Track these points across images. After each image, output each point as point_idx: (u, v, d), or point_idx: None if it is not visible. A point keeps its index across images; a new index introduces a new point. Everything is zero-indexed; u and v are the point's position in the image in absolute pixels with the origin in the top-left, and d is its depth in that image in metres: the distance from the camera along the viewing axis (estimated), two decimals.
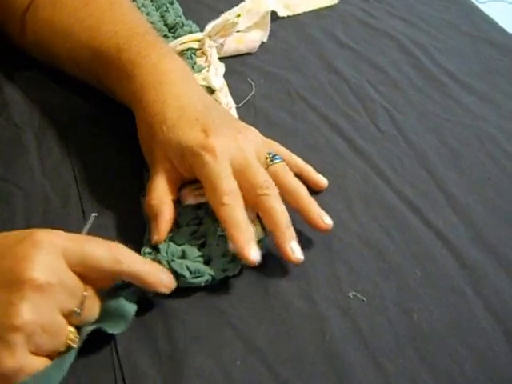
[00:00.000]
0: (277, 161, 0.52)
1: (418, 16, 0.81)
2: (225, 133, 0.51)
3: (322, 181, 0.56)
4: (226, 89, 0.64)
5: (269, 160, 0.52)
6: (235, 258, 0.48)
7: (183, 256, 0.48)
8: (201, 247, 0.49)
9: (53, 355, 0.40)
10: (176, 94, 0.53)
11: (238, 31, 0.71)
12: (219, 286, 0.48)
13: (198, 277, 0.46)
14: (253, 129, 0.55)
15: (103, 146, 0.59)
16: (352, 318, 0.47)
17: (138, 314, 0.44)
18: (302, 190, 0.51)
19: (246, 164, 0.50)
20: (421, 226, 0.54)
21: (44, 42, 0.63)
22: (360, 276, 0.50)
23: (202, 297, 0.47)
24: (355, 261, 0.51)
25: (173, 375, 0.42)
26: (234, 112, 0.62)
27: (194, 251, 0.48)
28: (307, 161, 0.58)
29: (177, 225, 0.50)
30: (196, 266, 0.47)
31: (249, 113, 0.63)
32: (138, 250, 0.47)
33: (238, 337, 0.45)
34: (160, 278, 0.44)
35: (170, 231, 0.49)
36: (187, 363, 0.43)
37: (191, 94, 0.54)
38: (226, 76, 0.67)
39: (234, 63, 0.69)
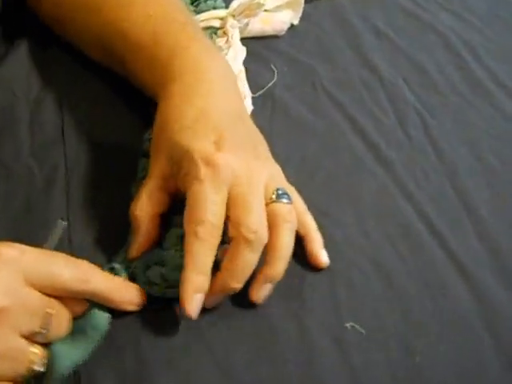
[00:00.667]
0: (284, 200, 0.44)
1: (471, 11, 0.73)
2: (239, 153, 0.44)
3: (323, 259, 0.46)
4: (242, 76, 0.58)
5: (275, 196, 0.44)
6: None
7: (163, 263, 0.43)
8: None
9: (17, 381, 0.37)
10: (206, 94, 0.47)
11: (265, 10, 0.65)
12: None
13: (174, 287, 0.42)
14: (276, 165, 0.47)
15: (100, 129, 0.54)
16: (346, 352, 0.42)
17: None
18: (285, 253, 0.43)
19: (244, 195, 0.43)
20: (438, 252, 0.48)
21: (64, 16, 0.58)
22: (362, 303, 0.44)
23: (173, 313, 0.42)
24: (359, 284, 0.45)
25: None
26: (248, 102, 0.56)
27: (175, 258, 0.43)
28: (321, 163, 0.53)
29: (167, 224, 0.46)
30: (174, 275, 0.42)
31: (266, 104, 0.58)
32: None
33: (213, 361, 0.40)
34: (129, 296, 0.40)
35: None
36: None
37: (222, 99, 0.48)
38: (246, 60, 0.61)
39: (257, 46, 0.64)
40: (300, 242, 0.46)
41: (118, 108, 0.55)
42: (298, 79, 0.61)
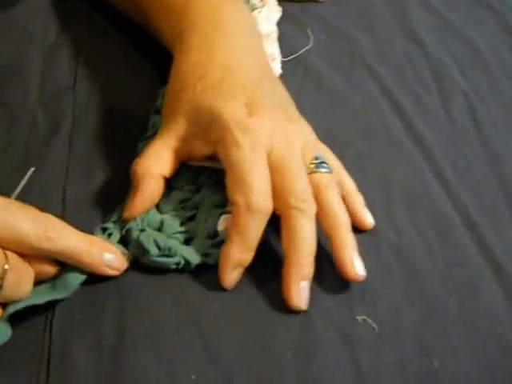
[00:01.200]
0: (323, 170, 0.41)
1: None
2: (272, 116, 0.40)
3: (368, 220, 0.43)
4: (274, 36, 0.53)
5: (313, 166, 0.41)
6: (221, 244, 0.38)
7: (160, 228, 0.39)
8: (188, 221, 0.40)
9: None
10: (229, 49, 0.43)
11: None
12: (195, 276, 0.38)
13: (168, 256, 0.37)
14: (308, 126, 0.44)
15: (114, 82, 0.50)
16: (353, 348, 0.36)
17: (87, 290, 0.37)
18: (344, 220, 0.40)
19: (286, 161, 0.39)
20: (472, 248, 0.42)
21: None
22: (378, 296, 0.39)
23: (170, 284, 0.38)
24: (376, 275, 0.40)
25: (109, 376, 0.34)
26: (277, 65, 0.51)
27: (174, 224, 0.39)
28: (351, 139, 0.48)
29: (169, 187, 0.41)
30: (169, 242, 0.38)
31: (296, 70, 0.53)
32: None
33: (202, 343, 0.36)
34: (103, 258, 0.36)
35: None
36: (130, 364, 0.34)
37: (247, 55, 0.44)
38: (281, 22, 0.56)
39: (296, 9, 0.59)
40: None
41: (135, 63, 0.51)
42: (336, 48, 0.56)
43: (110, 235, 0.39)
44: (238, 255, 0.37)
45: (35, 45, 0.51)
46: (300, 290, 0.38)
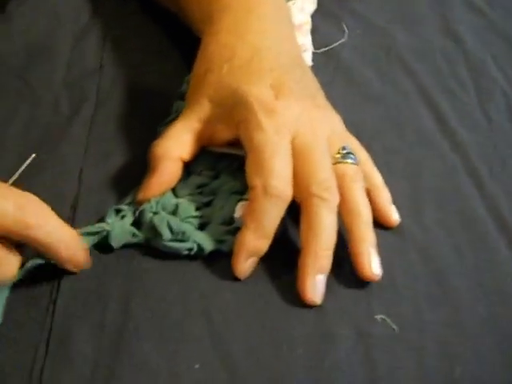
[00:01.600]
0: (350, 160, 0.39)
1: None
2: (299, 101, 0.38)
3: (393, 216, 0.40)
4: (307, 27, 0.51)
5: (340, 156, 0.39)
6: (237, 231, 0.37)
7: (174, 212, 0.37)
8: (204, 206, 0.39)
9: None
10: (259, 31, 0.41)
11: None
12: (208, 263, 0.37)
13: (181, 241, 0.36)
14: (336, 114, 0.41)
15: (140, 67, 0.49)
16: (369, 348, 0.34)
17: (95, 272, 0.35)
18: (365, 215, 0.38)
19: (310, 147, 0.37)
20: (505, 252, 0.39)
21: None
22: (400, 296, 0.37)
23: (181, 270, 0.36)
24: (400, 274, 0.38)
25: (108, 359, 0.32)
26: (308, 57, 0.49)
27: (189, 208, 0.37)
28: (380, 133, 0.46)
29: (187, 172, 0.40)
30: (183, 226, 0.36)
31: (328, 63, 0.51)
32: None
33: (209, 333, 0.34)
34: (78, 254, 0.34)
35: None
36: (131, 349, 0.33)
37: (278, 39, 0.42)
38: (316, 16, 0.54)
39: (332, 4, 0.57)
40: None
41: (164, 47, 0.50)
42: (371, 43, 0.54)
43: (123, 217, 0.37)
44: (253, 242, 0.35)
45: (65, 26, 0.51)
46: (315, 284, 0.35)
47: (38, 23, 0.50)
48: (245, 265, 0.36)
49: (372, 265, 0.36)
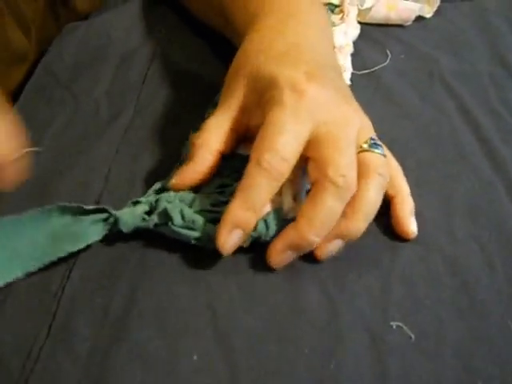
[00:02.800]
0: (378, 151, 0.36)
1: None
2: (331, 91, 0.36)
3: (411, 227, 0.38)
4: (348, 50, 0.51)
5: (367, 145, 0.36)
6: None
7: (190, 205, 0.37)
8: (222, 204, 0.38)
9: None
10: (300, 32, 0.40)
11: None
12: (218, 258, 0.35)
13: (190, 228, 0.35)
14: (368, 119, 0.39)
15: (182, 87, 0.49)
16: (381, 353, 0.31)
17: (105, 260, 0.35)
18: (369, 213, 0.35)
19: (336, 135, 0.35)
20: None
21: None
22: (421, 305, 0.34)
23: (191, 263, 0.35)
24: (423, 284, 0.35)
25: (106, 344, 0.32)
26: (347, 76, 0.49)
27: (204, 202, 0.36)
28: (416, 148, 0.44)
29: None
30: (194, 216, 0.35)
31: (369, 83, 0.50)
32: None
33: (212, 326, 0.32)
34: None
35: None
36: (132, 336, 0.32)
37: (317, 43, 0.41)
38: (360, 41, 0.54)
39: (377, 31, 0.56)
40: None
41: (207, 71, 0.50)
42: (413, 66, 0.52)
43: (136, 204, 0.37)
44: (238, 212, 0.34)
45: (114, 45, 0.53)
46: (285, 257, 0.35)
47: (89, 43, 0.53)
48: (228, 237, 0.34)
49: (325, 252, 0.35)
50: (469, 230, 0.38)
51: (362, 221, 0.35)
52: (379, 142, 0.37)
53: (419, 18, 0.58)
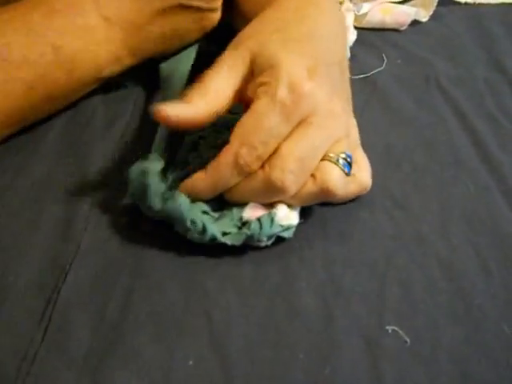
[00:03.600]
0: (340, 166, 0.35)
1: None
2: (328, 93, 0.36)
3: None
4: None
5: (335, 158, 0.35)
6: (243, 227, 0.35)
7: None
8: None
9: None
10: (317, 20, 0.40)
11: (391, 2, 0.58)
12: (215, 263, 0.35)
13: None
14: (356, 130, 0.40)
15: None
16: (377, 358, 0.31)
17: (102, 264, 0.35)
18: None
19: (309, 129, 0.34)
20: None
21: None
22: (417, 308, 0.34)
23: (187, 268, 0.35)
24: (419, 289, 0.35)
25: (102, 348, 0.31)
26: None
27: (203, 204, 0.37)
28: (412, 154, 0.44)
29: None
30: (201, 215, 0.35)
31: (365, 88, 0.50)
32: None
33: (207, 331, 0.32)
34: None
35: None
36: (127, 340, 0.32)
37: (331, 37, 0.40)
38: (356, 46, 0.54)
39: (372, 36, 0.56)
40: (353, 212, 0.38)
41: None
42: (410, 72, 0.52)
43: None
44: (198, 185, 0.35)
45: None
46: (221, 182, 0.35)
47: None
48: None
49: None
50: (465, 235, 0.38)
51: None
52: (350, 160, 0.36)
53: (415, 23, 0.58)
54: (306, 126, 0.34)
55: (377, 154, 0.42)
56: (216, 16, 0.47)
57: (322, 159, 0.35)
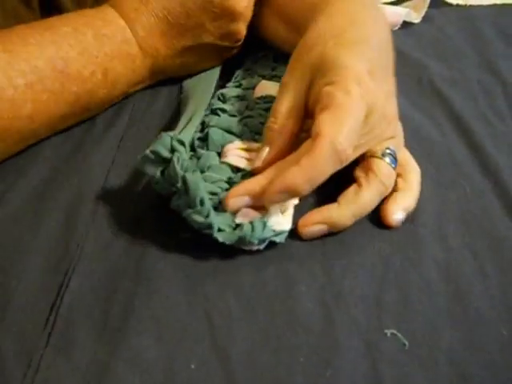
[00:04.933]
0: (387, 159, 0.38)
1: None
2: (383, 91, 0.38)
3: (392, 218, 0.38)
4: None
5: (380, 153, 0.38)
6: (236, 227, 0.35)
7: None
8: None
9: None
10: (374, 24, 0.41)
11: (384, 3, 0.57)
12: (216, 267, 0.35)
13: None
14: (401, 129, 0.41)
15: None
16: (376, 361, 0.31)
17: (104, 270, 0.35)
18: (352, 211, 0.37)
19: (370, 120, 0.36)
20: None
21: None
22: (415, 312, 0.34)
23: (188, 272, 0.35)
24: (417, 291, 0.35)
25: (106, 353, 0.31)
26: None
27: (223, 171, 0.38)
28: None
29: None
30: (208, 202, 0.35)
31: None
32: None
33: (209, 335, 0.32)
34: None
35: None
36: (130, 344, 0.31)
37: (384, 38, 0.41)
38: None
39: None
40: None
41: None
42: (403, 73, 0.51)
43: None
44: (297, 179, 0.34)
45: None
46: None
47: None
48: (276, 195, 0.35)
49: (308, 231, 0.36)
50: (461, 237, 0.38)
51: (349, 214, 0.36)
52: (395, 153, 0.38)
53: (408, 25, 0.58)
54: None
55: None
56: (236, 50, 0.49)
57: (369, 156, 0.38)
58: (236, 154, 0.40)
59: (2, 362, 0.31)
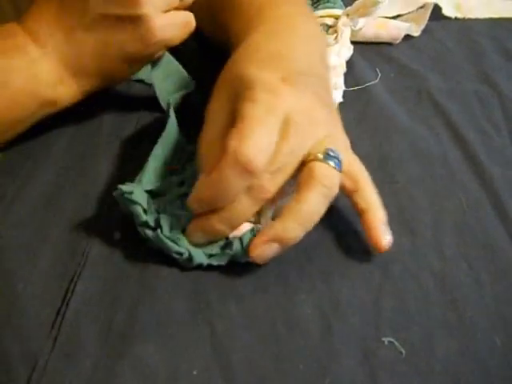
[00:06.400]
0: (330, 163, 0.34)
1: None
2: (305, 94, 0.36)
3: (384, 237, 0.36)
4: (340, 70, 0.50)
5: (320, 154, 0.34)
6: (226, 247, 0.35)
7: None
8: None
9: None
10: (288, 44, 0.39)
11: (386, 17, 0.57)
12: (218, 274, 0.35)
13: (174, 243, 0.34)
14: (345, 136, 0.38)
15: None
16: (374, 369, 0.31)
17: (109, 278, 0.35)
18: (300, 224, 0.34)
19: (289, 128, 0.34)
20: None
21: None
22: (412, 321, 0.34)
23: (191, 280, 0.35)
24: (414, 301, 0.35)
25: (110, 359, 0.31)
26: (338, 94, 0.48)
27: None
28: (405, 165, 0.43)
29: None
30: (180, 233, 0.35)
31: (360, 99, 0.49)
32: None
33: (211, 342, 0.32)
34: None
35: None
36: (134, 351, 0.31)
37: (303, 53, 0.39)
38: (352, 59, 0.53)
39: (368, 50, 0.56)
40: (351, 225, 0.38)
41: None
42: (403, 85, 0.52)
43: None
44: (206, 194, 0.34)
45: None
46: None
47: None
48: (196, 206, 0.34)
49: (259, 254, 0.34)
50: (457, 247, 0.38)
51: (294, 225, 0.34)
52: (336, 155, 0.35)
53: (408, 37, 0.58)
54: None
55: (372, 163, 0.42)
56: (154, 25, 0.40)
57: (310, 160, 0.34)
58: None
59: (8, 364, 0.31)
